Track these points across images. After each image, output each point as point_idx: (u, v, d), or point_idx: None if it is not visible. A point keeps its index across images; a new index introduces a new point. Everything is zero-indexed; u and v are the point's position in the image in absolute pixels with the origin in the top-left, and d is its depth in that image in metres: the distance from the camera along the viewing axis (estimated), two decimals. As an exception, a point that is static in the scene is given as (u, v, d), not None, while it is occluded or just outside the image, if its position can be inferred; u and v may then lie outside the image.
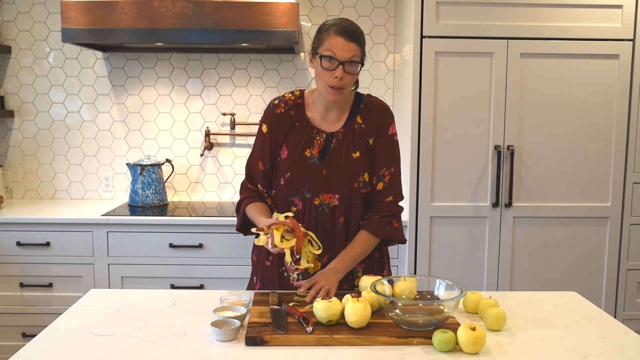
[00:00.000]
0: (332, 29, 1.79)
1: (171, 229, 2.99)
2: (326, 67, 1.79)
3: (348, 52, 1.77)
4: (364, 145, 1.90)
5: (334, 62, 1.78)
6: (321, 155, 1.88)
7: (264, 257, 1.98)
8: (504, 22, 2.94)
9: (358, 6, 3.49)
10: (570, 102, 3.00)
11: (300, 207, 1.89)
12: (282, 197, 1.92)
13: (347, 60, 1.78)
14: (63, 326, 1.60)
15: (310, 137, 1.89)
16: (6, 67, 3.50)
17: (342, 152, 1.88)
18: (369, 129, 1.91)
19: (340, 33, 1.78)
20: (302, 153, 1.88)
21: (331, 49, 1.78)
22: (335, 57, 1.77)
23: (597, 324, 1.67)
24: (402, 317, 1.56)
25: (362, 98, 1.96)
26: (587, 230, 3.07)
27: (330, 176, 1.87)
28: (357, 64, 1.80)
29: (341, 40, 1.77)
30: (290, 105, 1.93)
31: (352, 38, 1.78)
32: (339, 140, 1.89)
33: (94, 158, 3.57)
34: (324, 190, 1.88)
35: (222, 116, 3.55)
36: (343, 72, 1.78)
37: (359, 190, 1.90)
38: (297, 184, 1.88)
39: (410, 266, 3.04)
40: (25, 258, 3.00)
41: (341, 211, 1.89)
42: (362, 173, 1.89)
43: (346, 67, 1.78)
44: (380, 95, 3.52)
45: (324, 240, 1.88)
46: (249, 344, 1.48)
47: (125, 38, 2.98)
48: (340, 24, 1.80)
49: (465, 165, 3.01)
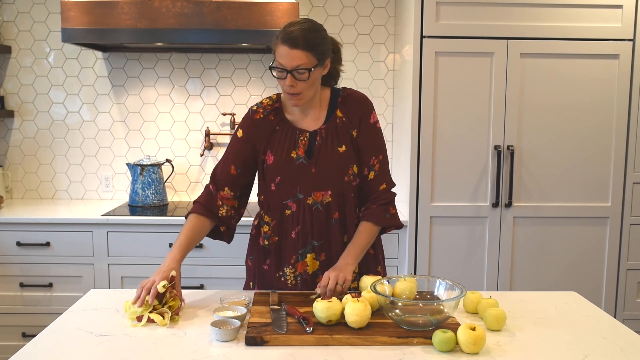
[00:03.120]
0: (280, 36, 1.75)
1: (171, 229, 2.99)
2: (277, 77, 1.78)
3: (293, 61, 1.73)
4: (349, 138, 1.89)
5: (283, 72, 1.76)
6: (307, 155, 1.87)
7: (261, 262, 1.97)
8: (504, 22, 2.94)
9: (358, 6, 3.49)
10: (570, 102, 3.00)
11: (295, 208, 1.88)
12: (275, 201, 1.90)
13: (294, 69, 1.74)
14: (63, 326, 1.60)
15: (293, 138, 1.88)
16: (6, 67, 3.50)
17: (327, 149, 1.87)
18: (351, 121, 1.90)
19: (284, 41, 1.74)
20: (288, 155, 1.87)
21: (278, 58, 1.76)
22: (281, 66, 1.75)
23: (597, 324, 1.67)
24: (402, 317, 1.56)
25: (339, 92, 1.94)
26: (587, 230, 3.07)
27: (319, 174, 1.86)
28: (305, 71, 1.75)
29: (285, 48, 1.73)
30: (269, 110, 1.92)
31: (296, 45, 1.73)
32: (323, 137, 1.88)
33: (94, 158, 3.57)
34: (315, 189, 1.87)
35: (222, 116, 3.55)
36: (293, 79, 1.76)
37: (350, 184, 1.89)
38: (288, 187, 1.88)
39: (410, 266, 3.04)
40: (25, 258, 3.00)
41: (335, 207, 1.89)
42: (351, 166, 1.89)
43: (295, 74, 1.75)
44: (380, 95, 3.53)
45: (320, 238, 1.88)
46: (249, 344, 1.48)
47: (125, 38, 2.98)
48: (287, 30, 1.75)
49: (465, 165, 3.01)
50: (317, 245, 1.89)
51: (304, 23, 1.78)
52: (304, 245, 1.89)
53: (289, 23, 1.78)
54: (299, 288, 1.91)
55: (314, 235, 1.88)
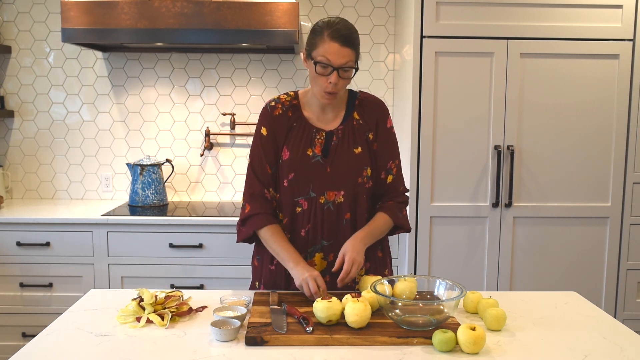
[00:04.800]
0: (327, 32, 1.75)
1: (171, 229, 2.99)
2: (320, 73, 1.78)
3: (342, 58, 1.75)
4: (365, 140, 1.91)
5: (329, 68, 1.76)
6: (324, 154, 1.88)
7: (268, 262, 1.96)
8: (504, 22, 2.94)
9: (358, 6, 3.49)
10: (570, 102, 3.00)
11: (306, 207, 1.89)
12: (286, 198, 1.90)
13: (342, 66, 1.76)
14: (63, 326, 1.60)
15: (310, 136, 1.89)
16: (6, 67, 3.50)
17: (344, 149, 1.88)
18: (368, 124, 1.92)
19: (334, 38, 1.74)
20: (304, 153, 1.88)
21: (325, 54, 1.75)
22: (329, 63, 1.76)
23: (597, 324, 1.67)
24: (402, 317, 1.56)
25: (356, 95, 1.96)
26: (587, 230, 3.07)
27: (334, 173, 1.87)
28: (351, 69, 1.79)
29: (336, 45, 1.74)
30: (287, 106, 1.92)
31: (346, 43, 1.75)
32: (339, 138, 1.89)
33: (94, 158, 3.57)
34: (328, 188, 1.88)
35: (222, 116, 3.55)
36: (337, 77, 1.77)
37: (363, 186, 1.91)
38: (302, 184, 1.88)
39: (410, 266, 3.04)
40: (25, 258, 3.00)
41: (347, 207, 1.89)
42: (365, 168, 1.90)
43: (340, 72, 1.77)
44: (380, 95, 3.52)
45: (329, 238, 1.88)
46: (249, 344, 1.48)
47: (125, 38, 2.98)
48: (335, 27, 1.76)
49: (465, 165, 3.01)
50: (326, 245, 1.89)
51: (346, 22, 1.80)
52: (313, 244, 1.89)
53: (330, 20, 1.79)
54: None
55: (323, 235, 1.89)
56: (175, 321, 1.64)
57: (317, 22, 1.82)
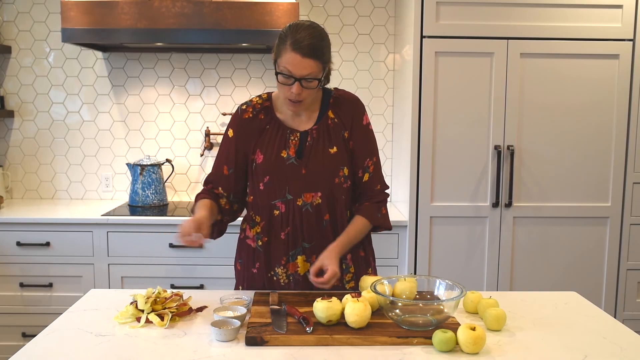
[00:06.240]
0: (289, 42, 1.70)
1: (171, 229, 2.99)
2: (282, 82, 1.75)
3: (304, 70, 1.71)
4: (340, 139, 1.88)
5: (290, 79, 1.73)
6: (298, 155, 1.85)
7: (250, 265, 1.95)
8: (504, 22, 2.94)
9: (358, 6, 3.49)
10: (570, 102, 3.00)
11: (283, 210, 1.86)
12: (263, 201, 1.88)
13: (304, 77, 1.72)
14: (63, 326, 1.60)
15: (284, 137, 1.86)
16: (6, 67, 3.50)
17: (319, 149, 1.85)
18: (343, 123, 1.89)
19: (296, 49, 1.69)
20: (278, 155, 1.85)
21: (286, 65, 1.71)
22: (291, 74, 1.71)
23: (597, 324, 1.67)
24: (402, 317, 1.56)
25: (331, 93, 1.92)
26: (587, 230, 3.07)
27: (310, 175, 1.84)
28: (313, 80, 1.74)
29: (297, 56, 1.69)
30: (259, 109, 1.90)
31: (309, 54, 1.70)
32: (314, 138, 1.86)
33: (94, 158, 3.57)
34: (305, 190, 1.85)
35: (222, 116, 3.55)
36: (300, 87, 1.73)
37: (340, 186, 1.88)
38: (277, 187, 1.85)
39: (410, 266, 3.04)
40: (25, 258, 3.00)
41: (325, 209, 1.87)
42: (342, 167, 1.87)
43: (303, 82, 1.73)
44: (380, 95, 3.53)
45: (310, 240, 1.87)
46: (249, 344, 1.48)
47: (125, 38, 2.98)
48: (298, 37, 1.70)
49: (465, 165, 3.01)
50: (307, 248, 1.87)
51: (312, 29, 1.74)
52: (294, 247, 1.87)
53: (295, 27, 1.74)
54: (291, 287, 1.90)
55: (304, 237, 1.86)
56: (175, 321, 1.64)
57: (285, 27, 1.77)
